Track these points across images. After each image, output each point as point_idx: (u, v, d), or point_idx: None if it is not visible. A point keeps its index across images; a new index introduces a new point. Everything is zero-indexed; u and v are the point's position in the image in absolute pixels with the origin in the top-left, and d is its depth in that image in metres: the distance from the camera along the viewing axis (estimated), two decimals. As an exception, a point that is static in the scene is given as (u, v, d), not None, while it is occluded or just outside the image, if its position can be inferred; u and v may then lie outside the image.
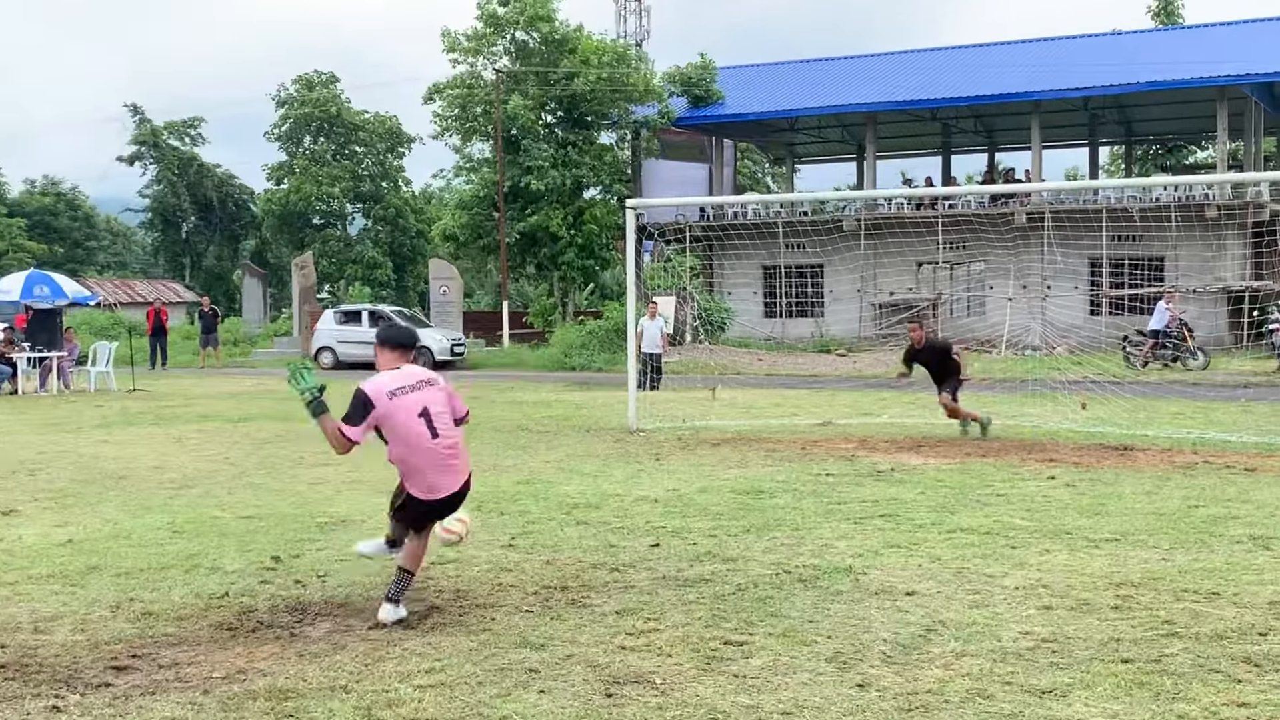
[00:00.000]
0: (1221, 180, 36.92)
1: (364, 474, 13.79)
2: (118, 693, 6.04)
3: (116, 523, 10.76)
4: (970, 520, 10.50)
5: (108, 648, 6.83)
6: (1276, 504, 11.26)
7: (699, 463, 14.67)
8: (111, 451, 16.29)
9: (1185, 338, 32.23)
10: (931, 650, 6.65)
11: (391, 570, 7.68)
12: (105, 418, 21.53)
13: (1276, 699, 5.81)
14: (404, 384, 7.65)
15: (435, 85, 46.23)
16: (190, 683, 6.18)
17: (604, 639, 6.89)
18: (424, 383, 7.71)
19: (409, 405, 7.55)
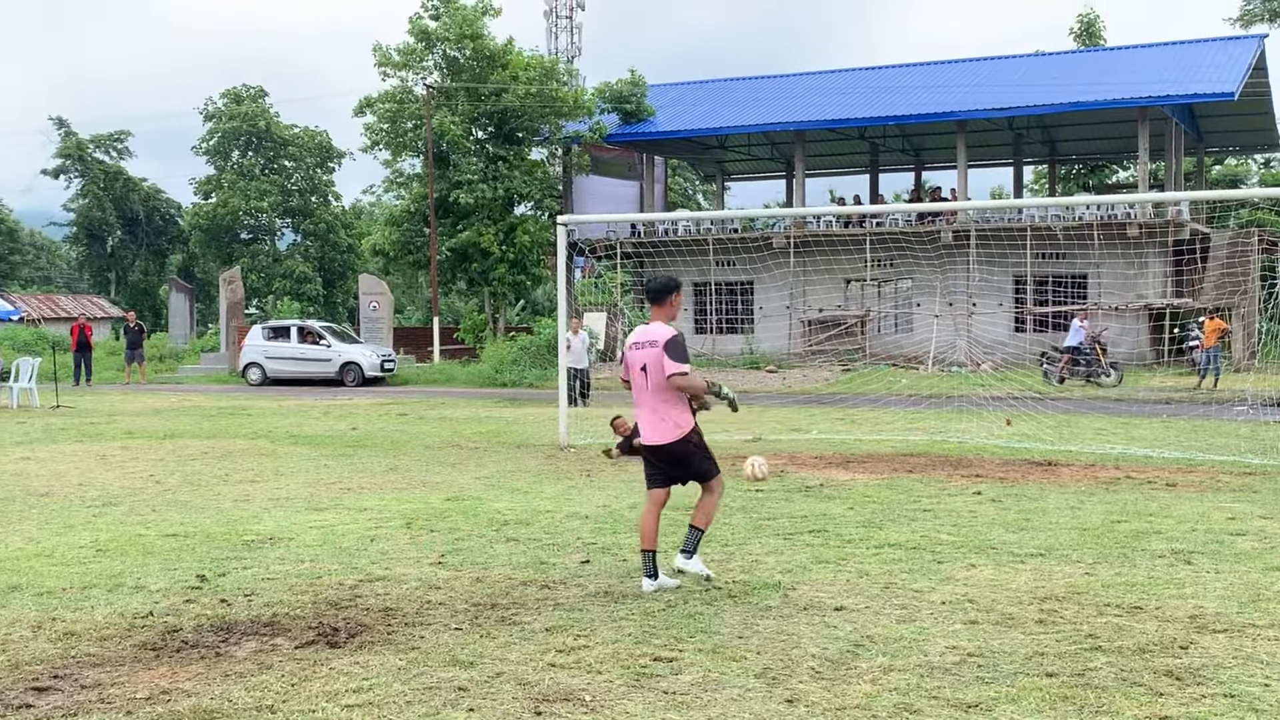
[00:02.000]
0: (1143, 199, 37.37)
1: (290, 491, 13.71)
2: (39, 714, 5.94)
3: (38, 541, 10.60)
4: (898, 535, 10.57)
5: (28, 668, 6.71)
6: (1197, 519, 11.42)
7: (630, 479, 14.65)
8: (34, 469, 16.06)
9: (1099, 355, 32.69)
10: (859, 665, 6.67)
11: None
12: (28, 434, 21.23)
13: (1198, 712, 5.88)
14: (641, 339, 8.81)
15: (366, 99, 45.99)
16: (113, 704, 6.08)
17: (534, 656, 6.86)
18: (648, 343, 8.69)
19: (635, 356, 8.79)
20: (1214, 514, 11.69)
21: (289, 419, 24.32)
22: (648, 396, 8.67)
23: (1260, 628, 7.42)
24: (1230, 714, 5.85)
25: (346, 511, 12.15)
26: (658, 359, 8.55)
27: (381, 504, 12.64)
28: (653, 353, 8.59)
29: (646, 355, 8.65)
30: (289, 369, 38.30)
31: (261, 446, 18.86)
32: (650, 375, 8.61)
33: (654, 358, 8.57)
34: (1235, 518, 11.48)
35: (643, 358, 8.68)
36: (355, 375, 37.50)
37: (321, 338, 38.89)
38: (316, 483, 14.46)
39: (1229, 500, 12.61)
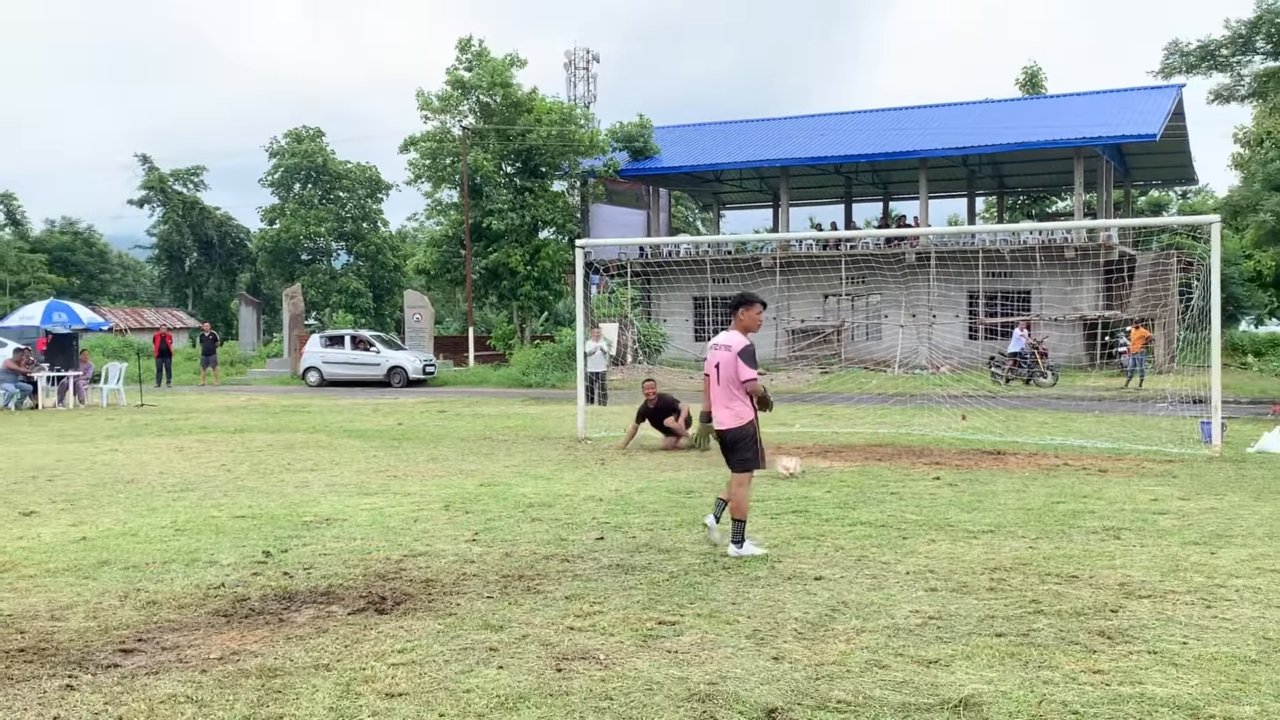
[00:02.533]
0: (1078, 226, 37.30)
1: (344, 478, 13.72)
2: (125, 673, 5.94)
3: (125, 522, 10.60)
4: (869, 515, 10.56)
5: (116, 633, 6.71)
6: (1125, 500, 11.42)
7: (639, 467, 14.67)
8: (121, 459, 16.08)
9: (1038, 360, 32.69)
10: (835, 627, 6.67)
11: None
12: (116, 429, 21.25)
13: (1126, 666, 5.88)
14: (723, 341, 9.23)
15: (410, 139, 46.05)
16: (190, 663, 6.08)
17: (555, 621, 6.85)
18: (723, 346, 9.15)
19: (713, 356, 9.24)
20: (1139, 496, 11.68)
21: (343, 415, 24.34)
22: (717, 390, 9.17)
23: (1179, 594, 7.42)
24: (1154, 668, 5.85)
25: (393, 496, 12.16)
26: (731, 362, 9.01)
27: (423, 489, 12.65)
28: (727, 356, 9.06)
29: (721, 356, 9.14)
30: (343, 372, 38.30)
31: (319, 439, 18.87)
32: (721, 373, 9.10)
33: (728, 360, 9.04)
34: (1158, 499, 11.48)
35: (717, 358, 9.19)
36: (401, 377, 37.46)
37: (371, 345, 38.88)
38: (367, 470, 14.47)
39: (1152, 484, 12.60)
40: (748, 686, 5.60)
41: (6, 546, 9.37)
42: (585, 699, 5.44)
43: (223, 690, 5.62)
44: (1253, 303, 51.93)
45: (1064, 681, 5.66)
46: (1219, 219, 16.53)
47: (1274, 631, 6.52)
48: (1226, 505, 11.13)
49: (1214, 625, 6.68)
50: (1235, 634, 6.48)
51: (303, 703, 5.42)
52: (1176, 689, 5.53)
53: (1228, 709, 5.26)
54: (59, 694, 5.59)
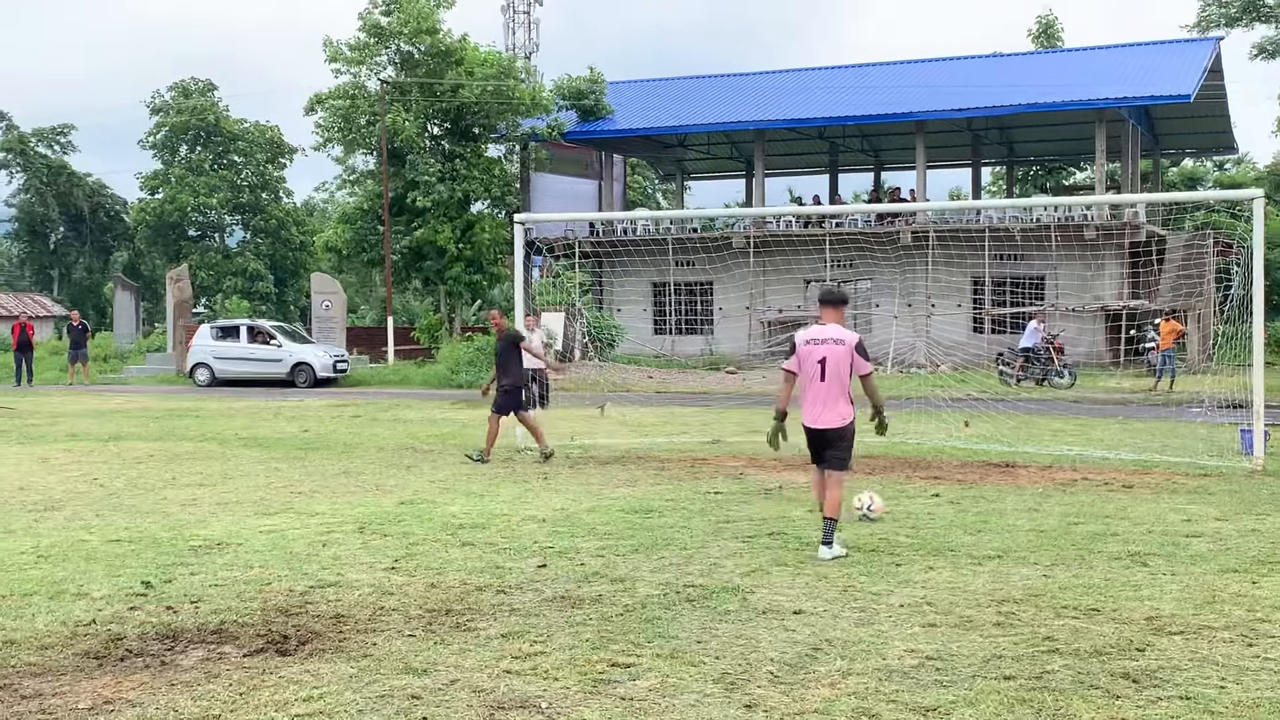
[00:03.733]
0: (1100, 201, 37.60)
1: (239, 495, 13.61)
2: (-22, 725, 5.88)
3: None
4: (857, 538, 10.60)
5: (-32, 678, 6.63)
6: (1153, 520, 11.52)
7: (587, 482, 14.65)
8: (-25, 472, 15.87)
9: (1053, 357, 32.96)
10: (818, 669, 6.69)
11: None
12: (-31, 436, 20.98)
13: (1154, 714, 5.93)
14: (815, 335, 10.12)
15: (317, 95, 45.69)
16: (54, 714, 6.02)
17: (489, 663, 6.83)
18: (838, 340, 10.01)
19: (814, 351, 10.04)
20: (1170, 516, 11.79)
21: (238, 421, 24.14)
22: (821, 386, 10.01)
23: (1216, 629, 7.49)
24: (1186, 716, 5.91)
25: (297, 516, 12.08)
26: (845, 355, 9.96)
27: (333, 508, 12.56)
28: (838, 349, 9.96)
29: (828, 350, 9.98)
30: (238, 369, 37.99)
31: (209, 449, 18.70)
32: (828, 368, 9.95)
33: (840, 354, 9.96)
34: (1191, 519, 11.59)
35: (823, 352, 9.99)
36: (307, 376, 37.20)
37: (272, 337, 38.60)
38: (266, 486, 14.36)
39: (1185, 502, 12.73)
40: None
41: None
42: (525, 755, 5.43)
43: (94, 747, 5.57)
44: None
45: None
46: (1262, 194, 16.62)
47: (1323, 673, 6.60)
48: (1270, 527, 11.25)
49: (1256, 666, 6.74)
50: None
51: (190, 761, 5.39)
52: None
53: (1270, 763, 5.33)
54: (-103, 752, 5.53)
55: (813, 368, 10.00)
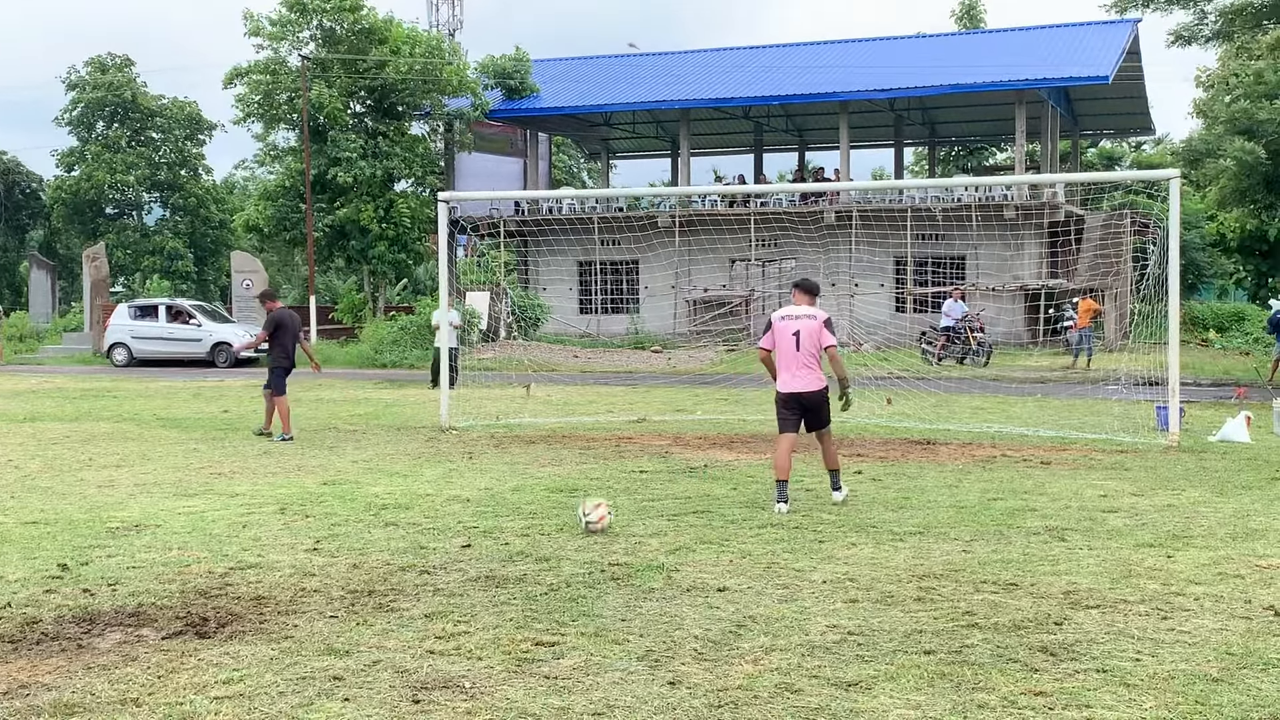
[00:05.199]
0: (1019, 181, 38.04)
1: (157, 476, 13.45)
2: (-111, 711, 5.76)
3: (-110, 530, 10.27)
4: (780, 516, 10.65)
5: (-122, 663, 6.50)
6: (1071, 496, 11.68)
7: (513, 461, 14.62)
8: (-114, 454, 15.57)
9: (969, 336, 33.31)
10: (741, 646, 6.71)
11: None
12: (-120, 418, 20.59)
13: (1071, 687, 6.00)
14: (790, 313, 11.41)
15: (236, 69, 45.15)
16: (-31, 699, 5.92)
17: (412, 644, 6.79)
18: (809, 317, 11.30)
19: (787, 326, 11.28)
20: (1087, 491, 11.95)
21: (157, 401, 23.87)
22: (796, 355, 11.22)
23: (1132, 603, 7.59)
24: (1103, 688, 5.98)
25: (217, 497, 11.96)
26: (816, 329, 11.22)
27: (254, 489, 12.46)
28: (811, 324, 11.22)
29: (802, 324, 11.25)
30: (157, 349, 37.54)
31: (127, 430, 18.49)
32: (802, 339, 11.17)
33: (812, 328, 11.21)
34: (1107, 495, 11.75)
35: (797, 325, 11.26)
36: (227, 356, 36.78)
37: (192, 317, 38.16)
38: (186, 467, 14.20)
39: (1101, 478, 12.90)
40: (639, 717, 5.61)
41: None
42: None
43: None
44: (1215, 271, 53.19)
45: (1001, 705, 5.75)
46: (1178, 173, 16.78)
47: (1238, 646, 6.70)
48: (1185, 502, 11.42)
49: (1170, 639, 6.83)
50: (1194, 649, 6.64)
51: (107, 745, 5.32)
52: (1129, 712, 5.66)
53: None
54: None
55: (788, 340, 11.23)
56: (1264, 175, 25.49)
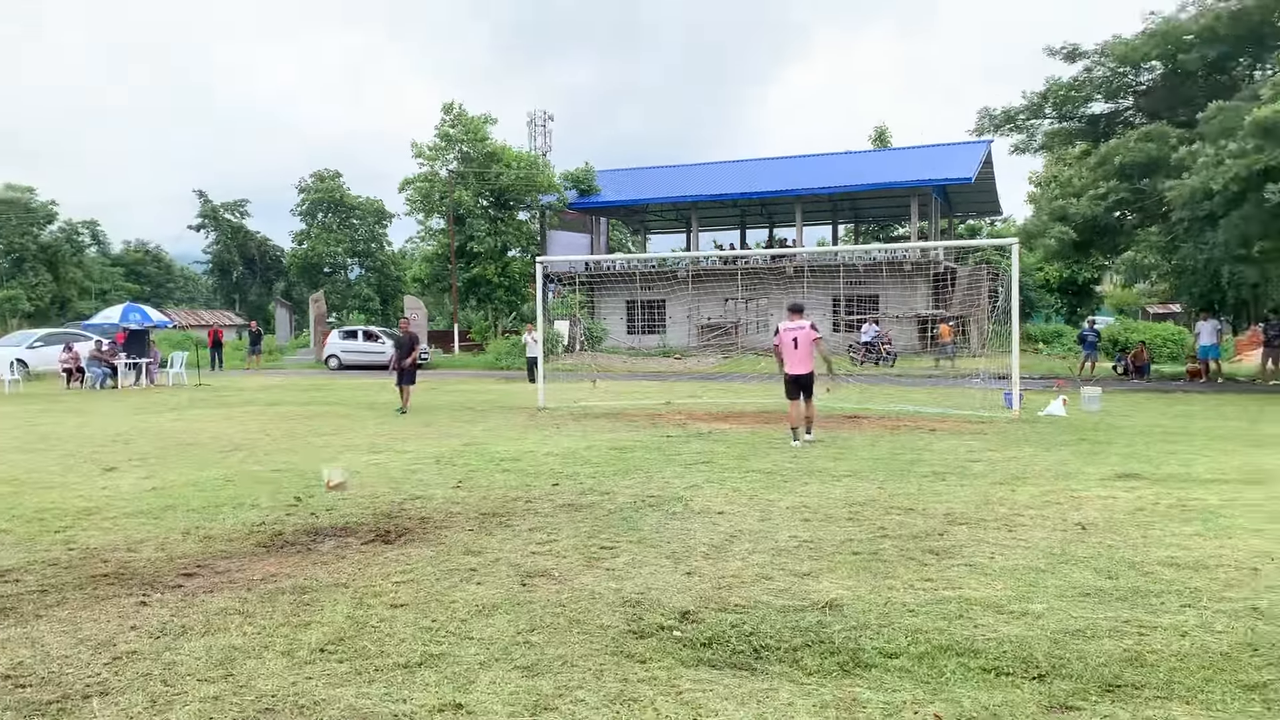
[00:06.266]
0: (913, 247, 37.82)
1: (356, 440, 13.55)
2: (187, 592, 5.84)
3: (186, 475, 10.39)
4: (759, 464, 10.63)
5: (179, 561, 6.59)
6: (949, 451, 11.60)
7: (584, 430, 14.65)
8: (183, 427, 15.77)
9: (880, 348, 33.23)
10: (733, 550, 6.71)
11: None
12: (178, 404, 20.83)
13: (949, 575, 5.98)
14: (790, 326, 12.42)
15: (407, 179, 45.41)
16: (238, 584, 5.99)
17: (521, 548, 6.83)
18: (801, 327, 12.37)
19: (790, 334, 12.35)
20: (959, 449, 11.88)
21: (355, 393, 24.04)
22: (795, 352, 12.33)
23: (988, 521, 7.55)
24: (970, 576, 5.95)
25: (395, 453, 12.05)
26: (807, 335, 12.36)
27: (419, 448, 12.55)
28: (802, 332, 12.34)
29: (798, 333, 12.35)
30: (356, 359, 37.73)
31: (337, 410, 18.65)
32: (800, 342, 12.31)
33: (804, 334, 12.34)
34: (973, 451, 11.68)
35: (794, 334, 12.34)
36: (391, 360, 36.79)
37: (378, 338, 38.33)
38: (375, 434, 14.32)
39: (969, 440, 12.82)
40: (668, 595, 5.62)
41: (93, 495, 9.15)
42: (545, 606, 5.42)
43: (264, 604, 5.54)
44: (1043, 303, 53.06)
45: (903, 587, 5.74)
46: (1017, 241, 16.80)
47: (1058, 549, 6.65)
48: (1023, 455, 11.35)
49: (1013, 544, 6.80)
50: (1029, 551, 6.61)
51: (326, 612, 5.36)
52: (987, 592, 5.64)
53: (1023, 605, 5.38)
54: (135, 608, 5.48)
55: (789, 343, 12.35)
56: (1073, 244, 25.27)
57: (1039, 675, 4.40)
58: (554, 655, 4.65)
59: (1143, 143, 23.25)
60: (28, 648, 4.83)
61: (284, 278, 71.70)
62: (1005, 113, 27.33)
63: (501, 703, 4.10)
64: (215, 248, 71.91)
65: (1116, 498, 8.53)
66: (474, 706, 4.06)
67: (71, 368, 27.13)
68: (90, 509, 8.43)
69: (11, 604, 5.57)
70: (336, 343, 38.46)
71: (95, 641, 4.91)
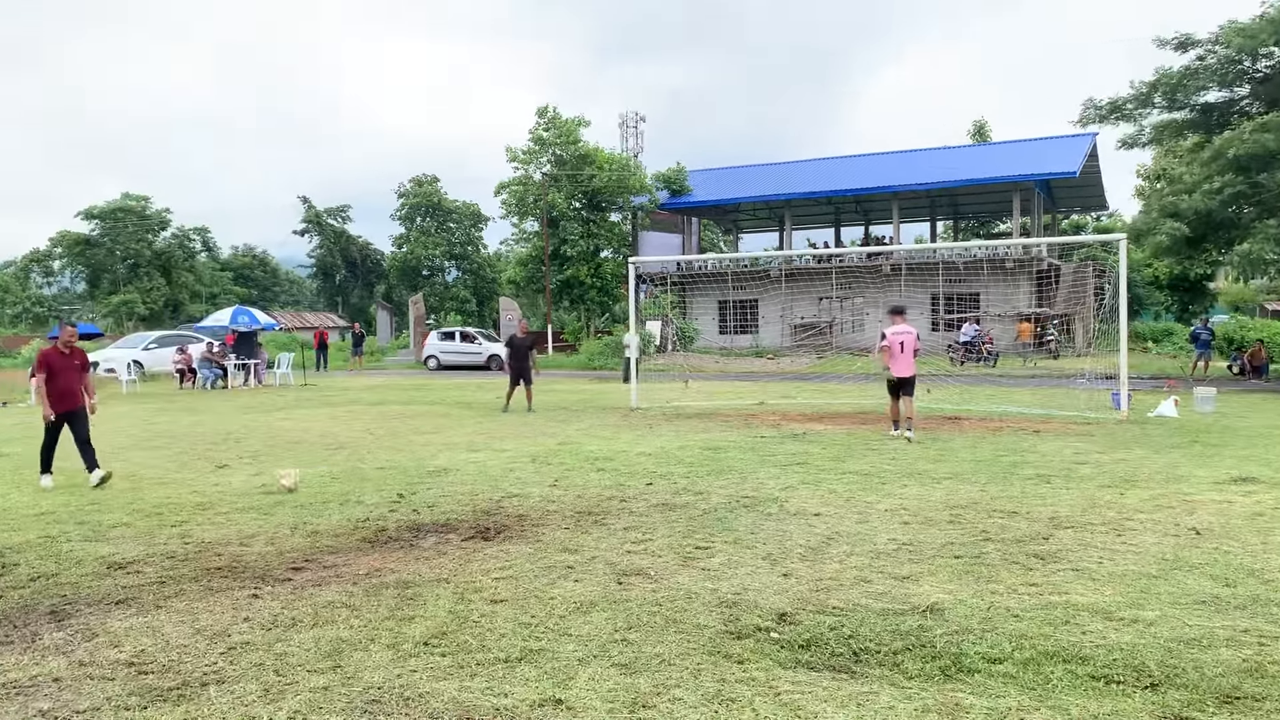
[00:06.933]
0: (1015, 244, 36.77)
1: (456, 439, 13.81)
2: (296, 585, 6.03)
3: (295, 472, 10.73)
4: (856, 466, 10.49)
5: (288, 555, 6.81)
6: (1054, 453, 11.27)
7: (677, 429, 14.66)
8: (290, 425, 16.29)
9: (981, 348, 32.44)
10: (831, 551, 6.64)
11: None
12: (285, 403, 21.52)
13: (1054, 580, 5.81)
14: (900, 329, 13.01)
15: (502, 183, 46.16)
16: (344, 577, 6.17)
17: (616, 546, 6.87)
18: (909, 331, 13.06)
19: (898, 338, 12.93)
20: (1064, 451, 11.53)
21: (454, 392, 24.49)
22: (903, 355, 12.93)
23: (1095, 525, 7.32)
24: (1076, 581, 5.78)
25: (493, 452, 12.23)
26: (913, 338, 13.05)
27: (516, 447, 12.70)
28: (909, 336, 13.02)
29: (905, 337, 12.99)
30: (454, 359, 38.46)
31: (436, 409, 18.99)
32: (906, 345, 12.93)
33: (910, 338, 13.01)
34: (1079, 453, 11.32)
35: (902, 338, 12.96)
36: (497, 363, 37.35)
37: (475, 339, 39.01)
38: (473, 433, 14.55)
39: (1075, 441, 12.44)
40: (765, 596, 5.60)
41: (206, 490, 9.54)
42: (641, 605, 5.45)
43: (369, 597, 5.69)
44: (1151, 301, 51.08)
45: (1006, 592, 5.60)
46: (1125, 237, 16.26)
47: (1170, 554, 6.41)
48: (1132, 457, 10.95)
49: (1123, 549, 6.57)
50: (1139, 556, 6.38)
51: (429, 607, 5.48)
52: (1094, 597, 5.46)
53: (1134, 612, 5.19)
54: (247, 600, 5.70)
55: (898, 345, 12.92)
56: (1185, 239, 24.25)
57: (1151, 684, 4.24)
58: (651, 654, 4.67)
59: (1259, 134, 22.18)
60: (149, 636, 5.07)
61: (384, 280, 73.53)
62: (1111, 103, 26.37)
63: (600, 699, 4.14)
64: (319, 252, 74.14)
65: (1232, 502, 8.17)
66: (573, 702, 4.11)
67: (184, 368, 28.29)
68: (204, 504, 8.79)
69: (134, 594, 5.85)
70: (435, 344, 39.25)
71: (211, 632, 5.12)
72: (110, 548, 7.08)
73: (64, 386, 9.83)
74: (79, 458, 10.02)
